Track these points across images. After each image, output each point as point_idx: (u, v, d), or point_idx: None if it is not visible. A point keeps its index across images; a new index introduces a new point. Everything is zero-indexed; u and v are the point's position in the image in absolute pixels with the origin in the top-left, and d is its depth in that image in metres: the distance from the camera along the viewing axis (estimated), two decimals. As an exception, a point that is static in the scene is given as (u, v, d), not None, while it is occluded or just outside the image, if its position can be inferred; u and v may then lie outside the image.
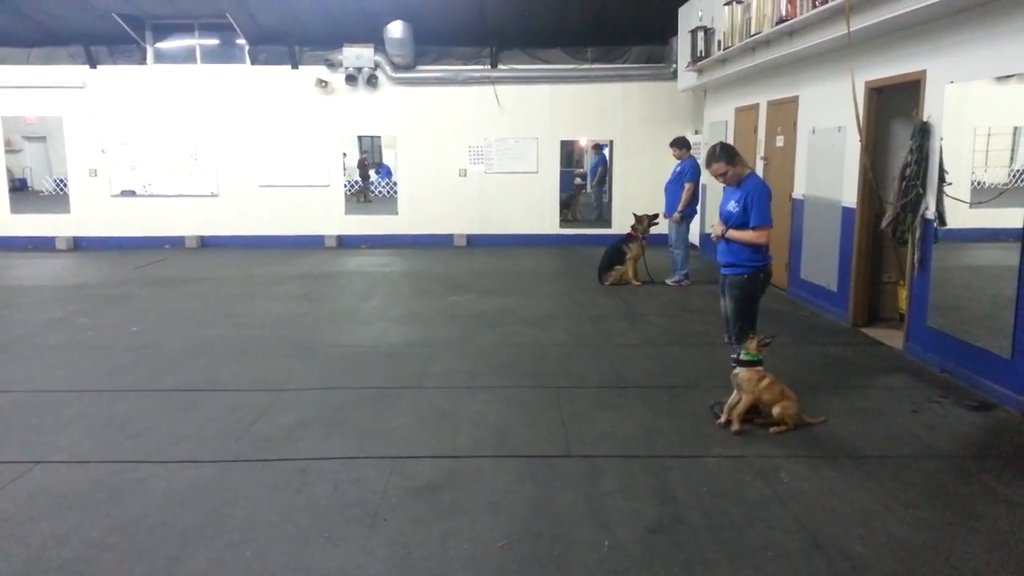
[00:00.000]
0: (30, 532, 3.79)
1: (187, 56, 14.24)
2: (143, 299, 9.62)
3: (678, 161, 10.34)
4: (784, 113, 9.48)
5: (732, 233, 5.22)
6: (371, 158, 21.55)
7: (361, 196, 19.83)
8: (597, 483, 4.33)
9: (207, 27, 14.04)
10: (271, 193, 14.17)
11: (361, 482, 4.37)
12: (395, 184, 15.14)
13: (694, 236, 12.31)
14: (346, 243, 14.31)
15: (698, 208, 10.92)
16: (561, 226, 14.62)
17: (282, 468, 4.55)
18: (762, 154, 10.21)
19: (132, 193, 14.23)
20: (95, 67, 13.95)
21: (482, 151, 13.99)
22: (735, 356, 5.06)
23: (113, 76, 13.99)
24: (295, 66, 13.88)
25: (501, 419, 5.37)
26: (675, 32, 12.80)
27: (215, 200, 14.24)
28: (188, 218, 14.26)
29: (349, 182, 15.73)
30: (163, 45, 14.20)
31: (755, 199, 5.15)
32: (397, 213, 14.46)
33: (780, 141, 9.64)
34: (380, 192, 20.09)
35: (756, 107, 10.46)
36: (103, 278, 11.20)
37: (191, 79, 14.01)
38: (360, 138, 16.42)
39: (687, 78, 12.28)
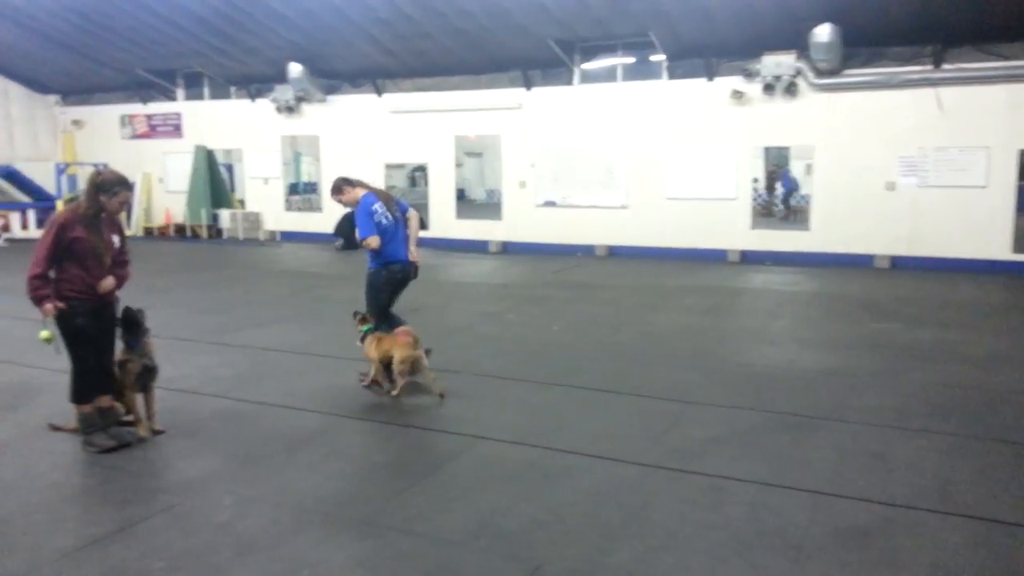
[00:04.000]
0: (479, 499, 4.26)
1: (608, 75, 15.19)
2: (560, 301, 10.45)
3: None
4: None
5: (364, 241, 6.24)
6: (779, 171, 20.68)
7: (768, 210, 19.17)
8: (1090, 571, 3.47)
9: (629, 46, 14.81)
10: (677, 205, 14.41)
11: (781, 512, 4.10)
12: (804, 197, 14.33)
13: None
14: (749, 258, 13.93)
15: None
16: (1015, 251, 12.36)
17: (696, 482, 4.49)
18: None
19: (553, 203, 15.63)
20: (530, 89, 15.62)
21: (915, 162, 12.49)
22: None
23: (544, 97, 15.52)
24: (710, 78, 13.92)
25: (943, 469, 4.65)
26: None
27: (624, 211, 14.95)
28: (599, 228, 15.20)
29: (757, 195, 15.29)
30: (588, 66, 15.34)
31: (356, 217, 6.26)
32: (808, 229, 13.66)
33: None
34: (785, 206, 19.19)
35: None
36: (526, 279, 12.46)
37: (611, 96, 14.90)
38: (767, 150, 15.84)
39: None
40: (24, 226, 18.43)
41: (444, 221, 16.96)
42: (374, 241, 6.17)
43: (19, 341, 7.76)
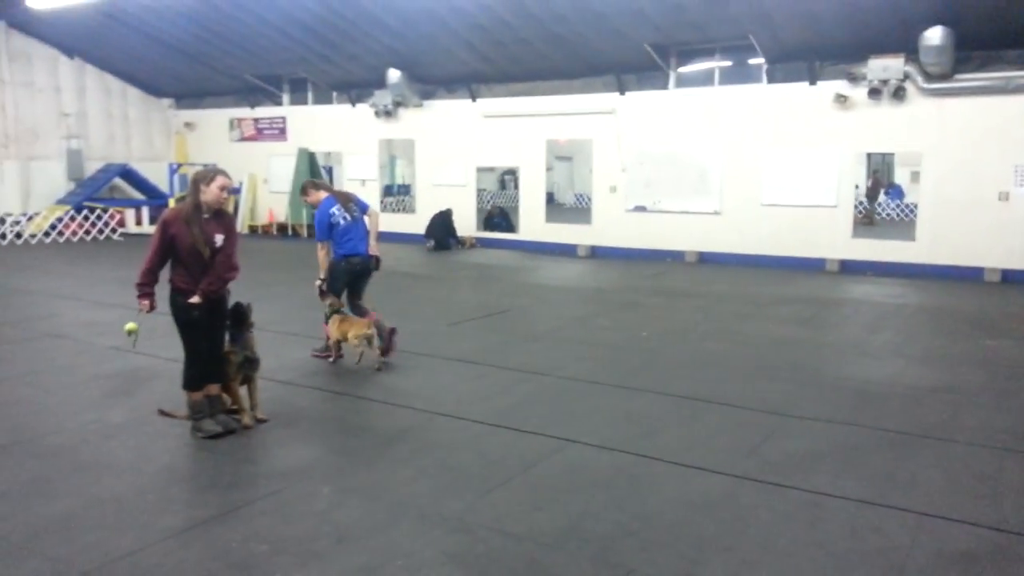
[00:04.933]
0: (568, 502, 4.27)
1: (704, 79, 14.93)
2: (649, 307, 10.33)
3: None
4: None
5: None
6: (884, 178, 19.80)
7: (867, 219, 18.42)
8: None
9: (727, 49, 14.51)
10: (773, 212, 14.02)
11: (882, 532, 3.95)
12: (907, 207, 13.70)
13: None
14: (849, 268, 13.40)
15: None
16: None
17: (793, 497, 4.37)
18: None
19: (643, 209, 15.47)
20: (623, 94, 15.51)
21: (1034, 171, 11.79)
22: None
23: (638, 101, 15.38)
24: (813, 82, 13.50)
25: (1062, 497, 4.37)
26: None
27: (717, 218, 14.66)
28: (690, 234, 14.94)
29: (858, 204, 14.69)
30: (684, 69, 15.11)
31: (315, 219, 7.15)
32: (914, 239, 13.04)
33: None
34: (888, 215, 18.40)
35: None
36: (615, 284, 12.37)
37: (707, 101, 14.64)
38: (869, 156, 15.18)
39: None
40: (138, 222, 19.57)
41: (534, 224, 17.04)
42: (320, 252, 7.11)
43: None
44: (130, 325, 5.22)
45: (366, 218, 7.23)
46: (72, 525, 3.98)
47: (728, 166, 14.47)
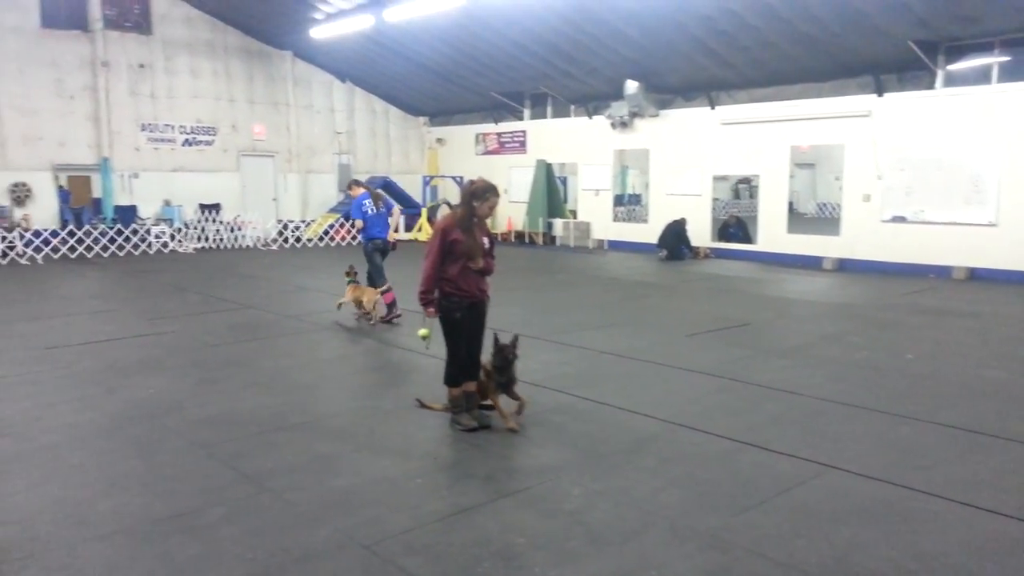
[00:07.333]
0: (832, 531, 4.00)
1: (979, 77, 13.35)
2: (912, 327, 9.42)
3: None
4: None
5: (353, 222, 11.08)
6: None
7: None
8: None
9: (1007, 44, 12.88)
10: (1066, 225, 12.20)
11: None
12: None
13: None
14: None
15: None
16: None
17: (1111, 555, 3.75)
18: None
19: (902, 219, 14.16)
20: (881, 95, 14.31)
21: None
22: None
23: (898, 103, 14.13)
24: (1122, 75, 11.58)
25: None
26: None
27: (993, 230, 13.03)
28: (959, 248, 13.43)
29: None
30: (954, 67, 13.62)
31: (351, 207, 10.20)
32: None
33: None
34: None
35: None
36: (869, 300, 11.42)
37: (983, 101, 13.09)
38: None
39: None
40: (395, 229, 21.42)
41: (774, 234, 16.26)
42: (358, 223, 9.84)
43: (398, 328, 9.03)
44: (423, 331, 5.74)
45: (390, 217, 10.07)
46: (353, 500, 4.41)
47: (1008, 173, 12.81)
